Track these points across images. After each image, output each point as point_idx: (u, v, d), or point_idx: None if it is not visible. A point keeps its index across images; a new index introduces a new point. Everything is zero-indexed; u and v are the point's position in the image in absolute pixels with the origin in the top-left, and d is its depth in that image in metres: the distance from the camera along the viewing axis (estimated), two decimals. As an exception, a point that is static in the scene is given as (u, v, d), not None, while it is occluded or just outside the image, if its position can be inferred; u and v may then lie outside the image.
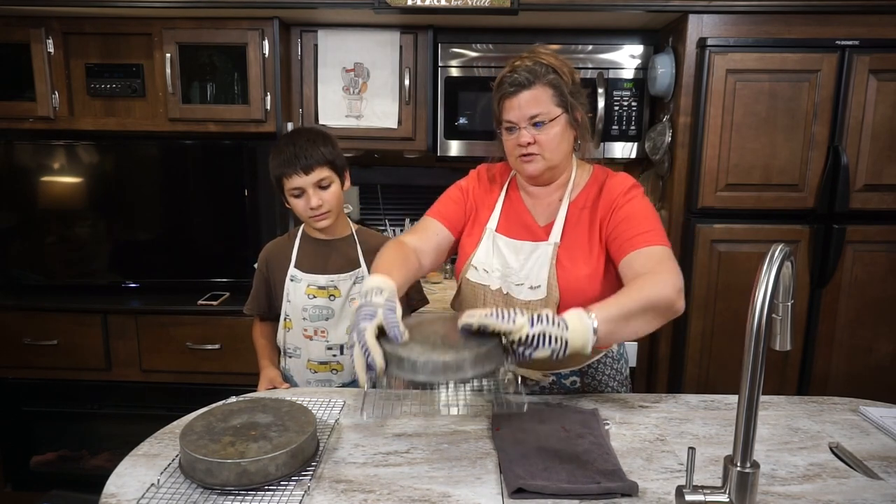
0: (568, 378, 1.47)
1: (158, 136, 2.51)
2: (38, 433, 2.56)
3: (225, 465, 1.03)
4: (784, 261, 0.89)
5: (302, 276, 1.70)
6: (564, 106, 1.34)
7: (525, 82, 1.32)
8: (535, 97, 1.32)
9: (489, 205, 1.49)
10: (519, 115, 1.34)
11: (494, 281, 1.42)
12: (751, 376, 0.89)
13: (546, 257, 1.37)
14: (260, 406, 1.23)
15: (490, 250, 1.43)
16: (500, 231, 1.45)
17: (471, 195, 1.52)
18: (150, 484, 1.06)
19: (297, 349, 1.72)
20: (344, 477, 1.10)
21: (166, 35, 2.36)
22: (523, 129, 1.34)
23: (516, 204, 1.47)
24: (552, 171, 1.40)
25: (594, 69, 2.45)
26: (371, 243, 1.73)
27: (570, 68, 1.38)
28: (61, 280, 2.59)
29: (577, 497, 1.03)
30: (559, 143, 1.36)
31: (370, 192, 2.99)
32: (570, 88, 1.35)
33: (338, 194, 1.67)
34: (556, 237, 1.39)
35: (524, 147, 1.35)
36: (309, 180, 1.60)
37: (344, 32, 2.48)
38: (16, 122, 2.46)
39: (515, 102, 1.33)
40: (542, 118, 1.33)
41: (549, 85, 1.33)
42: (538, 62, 1.34)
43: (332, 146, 1.66)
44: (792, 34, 2.15)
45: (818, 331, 2.25)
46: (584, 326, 1.09)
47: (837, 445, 1.23)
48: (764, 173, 2.17)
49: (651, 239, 1.30)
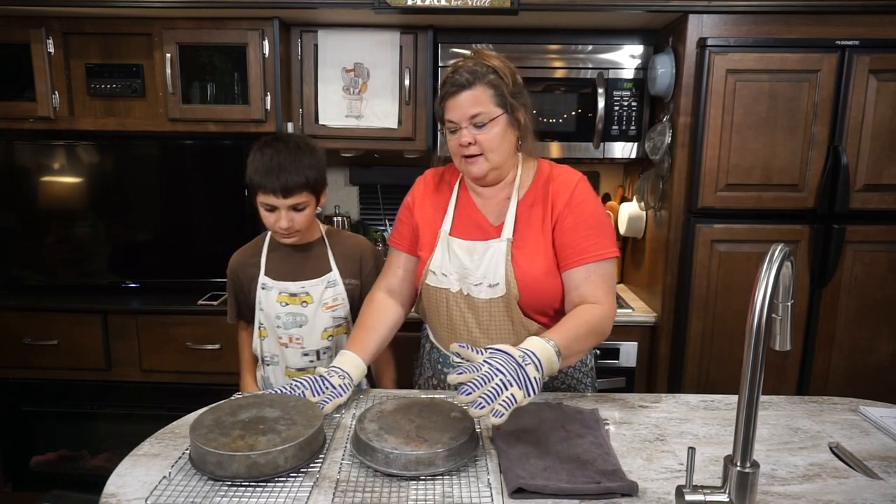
0: None
1: (158, 136, 2.51)
2: (38, 433, 2.56)
3: (235, 458, 1.04)
4: (784, 261, 0.90)
5: (273, 284, 1.67)
6: (504, 106, 1.36)
7: (465, 83, 1.34)
8: (475, 97, 1.34)
9: (440, 209, 1.51)
10: (460, 115, 1.35)
11: (454, 284, 1.44)
12: (751, 376, 0.89)
13: (501, 254, 1.39)
14: (267, 401, 1.24)
15: (445, 253, 1.45)
16: (453, 233, 1.46)
17: (415, 210, 1.55)
18: (162, 476, 1.08)
19: (275, 356, 1.71)
20: (349, 472, 1.10)
21: (166, 35, 2.36)
22: (464, 129, 1.36)
23: (467, 205, 1.49)
24: (496, 171, 1.41)
25: (594, 69, 2.45)
26: (342, 246, 1.72)
27: (512, 70, 1.39)
28: (61, 280, 2.59)
29: (577, 497, 1.03)
30: (500, 142, 1.37)
31: (370, 192, 2.99)
32: (511, 89, 1.36)
33: (310, 216, 1.61)
34: (509, 234, 1.40)
35: (465, 147, 1.37)
36: (285, 203, 1.53)
37: (344, 32, 2.48)
38: (16, 122, 2.46)
39: (456, 102, 1.35)
40: (482, 118, 1.34)
41: (489, 85, 1.34)
42: (480, 63, 1.36)
43: (317, 163, 1.58)
44: (792, 34, 2.15)
45: (818, 331, 2.25)
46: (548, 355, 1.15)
47: (837, 445, 1.23)
48: (764, 173, 2.17)
49: (595, 252, 1.36)
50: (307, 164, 1.55)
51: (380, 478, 1.08)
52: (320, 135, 2.53)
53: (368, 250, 1.76)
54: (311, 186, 1.56)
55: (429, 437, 1.12)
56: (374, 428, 1.15)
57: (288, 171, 1.51)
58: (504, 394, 1.04)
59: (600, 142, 2.48)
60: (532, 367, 1.09)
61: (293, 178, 1.52)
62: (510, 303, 1.38)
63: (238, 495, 1.03)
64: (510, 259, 1.38)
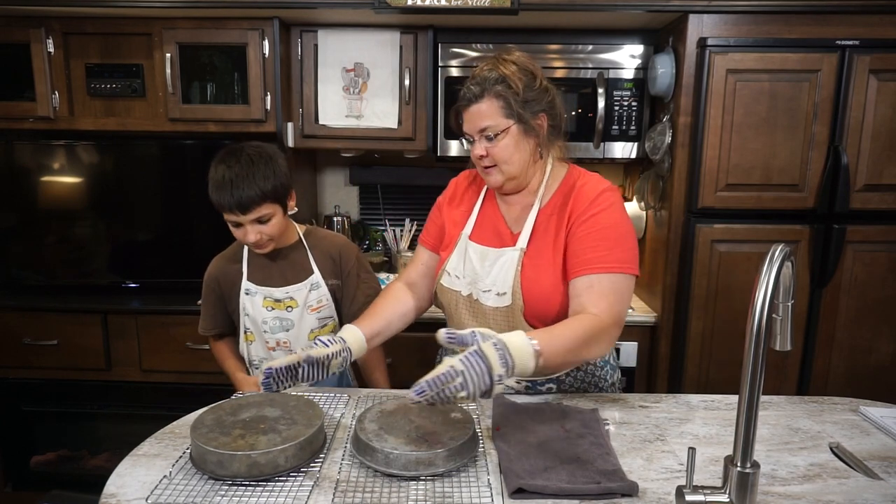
0: (544, 385, 1.46)
1: (158, 136, 2.51)
2: (38, 433, 2.56)
3: (236, 458, 1.05)
4: (784, 261, 0.90)
5: (257, 290, 1.66)
6: (515, 116, 1.32)
7: (473, 97, 1.33)
8: (483, 110, 1.32)
9: (467, 211, 1.50)
10: (471, 128, 1.35)
11: (464, 287, 1.43)
12: (751, 376, 0.89)
13: (512, 263, 1.37)
14: (268, 400, 1.25)
15: (462, 256, 1.44)
16: (473, 237, 1.46)
17: (444, 209, 1.55)
18: (163, 476, 1.08)
19: (263, 360, 1.70)
20: (349, 472, 1.10)
21: (166, 35, 2.36)
22: (477, 142, 1.35)
23: (492, 210, 1.48)
24: (514, 181, 1.39)
25: (594, 69, 2.45)
26: (321, 247, 1.70)
27: (531, 73, 1.34)
28: (61, 280, 2.59)
29: (577, 497, 1.03)
30: (512, 153, 1.34)
31: (370, 192, 2.99)
32: (523, 97, 1.32)
33: (279, 224, 1.58)
34: (523, 243, 1.38)
35: (480, 159, 1.36)
36: (246, 218, 1.51)
37: (344, 32, 2.48)
38: (16, 122, 2.46)
39: (468, 115, 1.35)
40: (491, 131, 1.33)
41: (496, 96, 1.32)
42: (494, 69, 1.33)
43: (274, 173, 1.53)
44: (792, 34, 2.15)
45: (818, 331, 2.25)
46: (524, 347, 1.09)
47: (837, 445, 1.23)
48: (764, 173, 2.17)
49: (604, 264, 1.29)
50: (262, 176, 1.50)
51: (380, 478, 1.08)
52: (320, 135, 2.54)
53: (347, 248, 1.74)
54: (270, 198, 1.52)
55: (429, 438, 1.12)
56: (374, 428, 1.15)
57: (241, 188, 1.48)
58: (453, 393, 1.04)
59: (600, 142, 2.48)
60: (500, 367, 1.05)
61: (247, 193, 1.48)
62: (515, 313, 1.36)
63: (238, 495, 1.03)
64: (520, 270, 1.36)
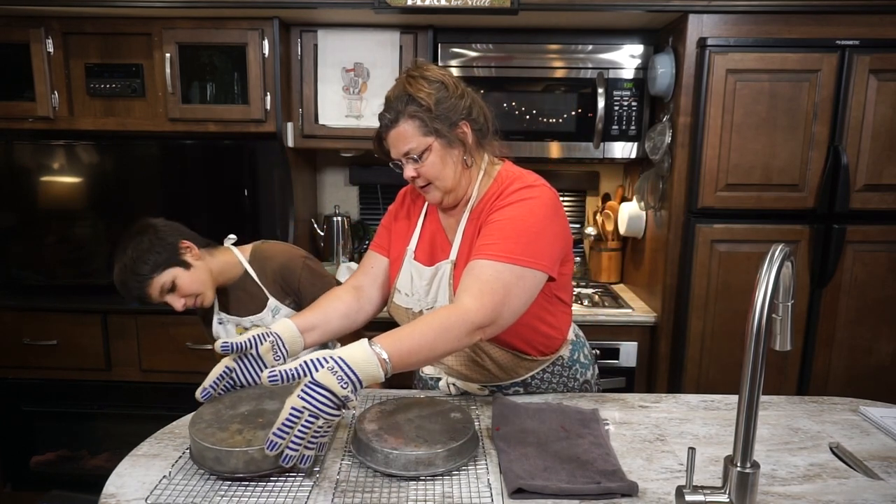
0: (510, 390, 1.45)
1: (158, 136, 2.51)
2: (38, 433, 2.56)
3: (233, 454, 1.05)
4: (784, 261, 0.89)
5: (228, 318, 1.75)
6: (433, 132, 1.29)
7: (389, 122, 1.30)
8: (402, 133, 1.29)
9: (412, 224, 1.48)
10: (396, 153, 1.32)
11: (415, 304, 1.41)
12: (751, 376, 0.89)
13: (445, 277, 1.35)
14: (268, 393, 1.24)
15: (409, 275, 1.42)
16: (416, 255, 1.43)
17: (392, 222, 1.52)
18: (162, 476, 1.08)
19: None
20: (348, 472, 1.10)
21: (166, 35, 2.36)
22: (405, 165, 1.33)
23: (433, 222, 1.45)
24: (452, 194, 1.35)
25: (594, 69, 2.45)
26: (266, 270, 1.72)
27: (443, 83, 1.29)
28: (61, 280, 2.59)
29: (577, 497, 1.03)
30: (441, 169, 1.31)
31: (370, 192, 2.99)
32: (435, 112, 1.27)
33: (191, 281, 1.61)
34: (453, 255, 1.36)
35: (413, 181, 1.34)
36: (155, 300, 1.61)
37: (344, 32, 2.48)
38: (16, 122, 2.46)
39: (390, 141, 1.32)
40: (414, 152, 1.30)
41: (410, 117, 1.28)
42: (402, 91, 1.29)
43: (158, 255, 1.57)
44: (792, 34, 2.15)
45: (818, 331, 2.25)
46: (364, 356, 1.04)
47: (837, 445, 1.23)
48: (764, 173, 2.17)
49: (492, 252, 1.22)
50: (149, 269, 1.56)
51: (380, 478, 1.08)
52: (320, 134, 2.54)
53: (288, 264, 1.73)
54: (162, 280, 1.58)
55: (428, 438, 1.12)
56: (374, 428, 1.15)
57: (130, 288, 1.58)
58: (311, 430, 1.00)
59: (600, 142, 2.48)
60: (340, 388, 1.00)
61: (139, 290, 1.59)
62: None
63: (238, 495, 1.03)
64: (451, 282, 1.34)
